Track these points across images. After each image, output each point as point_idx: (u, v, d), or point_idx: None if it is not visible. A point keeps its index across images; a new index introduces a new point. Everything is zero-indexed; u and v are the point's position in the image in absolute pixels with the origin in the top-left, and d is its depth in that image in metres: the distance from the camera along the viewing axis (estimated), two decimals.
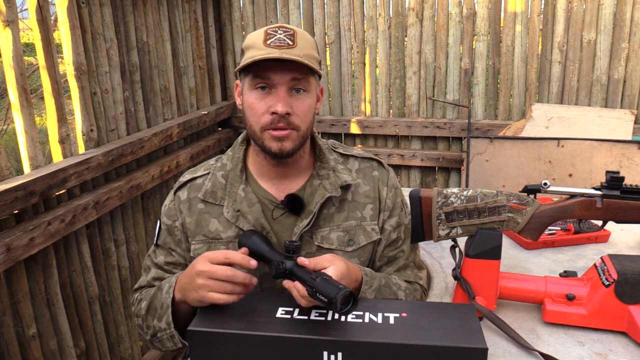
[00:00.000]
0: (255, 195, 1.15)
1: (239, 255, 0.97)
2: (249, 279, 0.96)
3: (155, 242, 1.22)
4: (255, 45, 1.06)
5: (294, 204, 1.13)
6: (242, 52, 1.11)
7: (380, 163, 1.24)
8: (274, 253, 1.01)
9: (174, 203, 1.19)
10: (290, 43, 1.04)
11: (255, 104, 1.07)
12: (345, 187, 1.17)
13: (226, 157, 1.21)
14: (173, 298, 1.06)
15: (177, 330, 1.06)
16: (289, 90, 1.06)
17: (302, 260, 0.96)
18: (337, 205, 1.16)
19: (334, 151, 1.23)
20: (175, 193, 1.20)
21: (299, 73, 1.06)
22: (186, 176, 1.21)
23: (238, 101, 1.16)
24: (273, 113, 1.05)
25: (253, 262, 0.97)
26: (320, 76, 1.14)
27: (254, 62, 1.03)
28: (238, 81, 1.16)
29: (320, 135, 1.25)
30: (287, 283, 0.95)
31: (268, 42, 1.04)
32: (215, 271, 0.95)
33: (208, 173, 1.19)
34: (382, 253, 1.21)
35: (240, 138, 1.21)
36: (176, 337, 1.06)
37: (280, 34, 1.05)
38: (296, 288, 0.92)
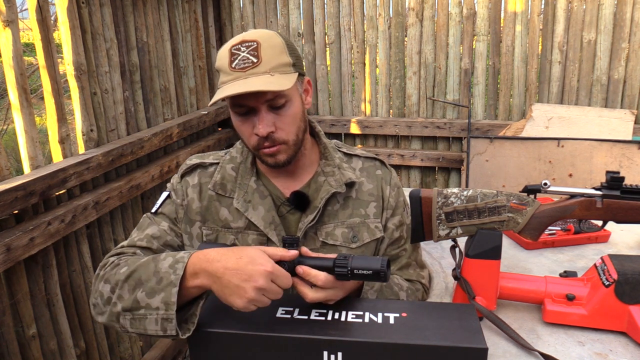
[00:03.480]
0: (266, 188, 1.16)
1: (291, 253, 0.94)
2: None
3: (155, 210, 1.16)
4: (222, 68, 1.04)
5: (299, 201, 1.14)
6: (217, 73, 1.09)
7: (383, 163, 1.25)
8: None
9: (181, 185, 1.18)
10: (255, 60, 1.01)
11: (240, 127, 1.08)
12: (350, 185, 1.18)
13: (235, 150, 1.21)
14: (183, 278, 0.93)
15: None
16: (269, 107, 1.04)
17: (306, 250, 0.98)
18: (341, 202, 1.17)
19: (338, 150, 1.24)
20: (182, 176, 1.19)
21: (272, 92, 1.02)
22: (194, 160, 1.20)
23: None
24: (257, 134, 1.05)
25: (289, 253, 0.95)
26: (301, 73, 1.11)
27: (218, 100, 1.01)
28: None
29: None
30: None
31: (233, 64, 1.01)
32: (282, 276, 0.90)
33: (217, 163, 1.19)
34: (385, 252, 1.22)
35: None
36: (173, 323, 0.90)
37: (243, 51, 1.02)
38: (308, 277, 0.93)
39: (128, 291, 0.96)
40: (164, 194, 1.19)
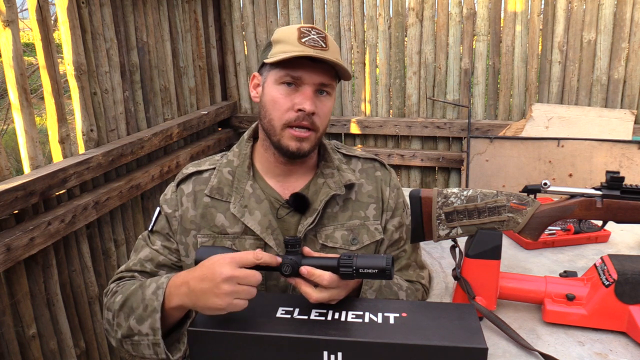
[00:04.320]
0: (263, 192, 1.15)
1: (268, 255, 0.93)
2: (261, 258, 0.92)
3: (151, 228, 1.18)
4: (288, 40, 1.06)
5: (299, 203, 1.13)
6: (269, 45, 1.10)
7: (382, 164, 1.25)
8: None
9: (175, 194, 1.17)
10: (324, 45, 1.06)
11: (280, 99, 1.07)
12: (349, 187, 1.17)
13: (232, 153, 1.20)
14: (163, 302, 0.97)
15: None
16: (315, 91, 1.08)
17: (308, 251, 0.98)
18: (340, 204, 1.16)
19: (337, 151, 1.23)
20: (178, 185, 1.18)
21: (328, 77, 1.08)
22: (190, 168, 1.19)
23: (253, 93, 1.15)
24: (299, 110, 1.06)
25: (279, 259, 0.94)
26: (339, 80, 1.15)
27: (293, 57, 1.03)
28: (256, 73, 1.15)
29: None
30: (291, 279, 0.95)
31: (303, 40, 1.05)
32: (247, 276, 0.88)
33: (214, 168, 1.18)
34: (384, 253, 1.21)
35: (246, 135, 1.21)
36: (161, 347, 0.96)
37: (313, 35, 1.06)
38: (312, 277, 0.93)
39: (124, 319, 1.02)
40: (157, 210, 1.19)
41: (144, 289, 1.01)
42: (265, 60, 1.08)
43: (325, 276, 0.92)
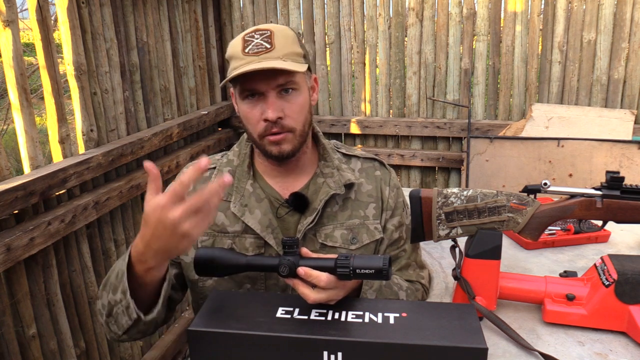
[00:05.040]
0: (263, 191, 1.15)
1: (189, 173, 0.85)
2: (217, 185, 0.84)
3: None
4: (235, 55, 1.06)
5: (299, 202, 1.13)
6: (228, 63, 1.11)
7: (382, 163, 1.25)
8: (266, 257, 1.01)
9: None
10: (268, 46, 1.04)
11: (248, 113, 1.08)
12: (349, 186, 1.17)
13: (232, 152, 1.21)
14: (131, 266, 0.96)
15: (135, 300, 0.96)
16: (278, 93, 1.06)
17: (306, 251, 0.98)
18: (340, 203, 1.17)
19: (337, 151, 1.23)
20: None
21: (283, 77, 1.05)
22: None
23: (236, 107, 1.17)
24: (265, 120, 1.06)
25: (204, 161, 0.86)
26: (309, 68, 1.13)
27: (235, 77, 1.03)
28: (232, 90, 1.16)
29: None
30: (289, 280, 0.95)
31: (246, 50, 1.04)
32: (191, 206, 0.83)
33: (214, 167, 1.19)
34: (384, 252, 1.21)
35: (246, 134, 1.21)
36: (131, 307, 0.95)
37: (257, 39, 1.05)
38: (310, 278, 0.92)
39: (105, 297, 1.02)
40: None
41: (118, 261, 1.02)
42: (220, 84, 1.10)
43: (323, 277, 0.92)
